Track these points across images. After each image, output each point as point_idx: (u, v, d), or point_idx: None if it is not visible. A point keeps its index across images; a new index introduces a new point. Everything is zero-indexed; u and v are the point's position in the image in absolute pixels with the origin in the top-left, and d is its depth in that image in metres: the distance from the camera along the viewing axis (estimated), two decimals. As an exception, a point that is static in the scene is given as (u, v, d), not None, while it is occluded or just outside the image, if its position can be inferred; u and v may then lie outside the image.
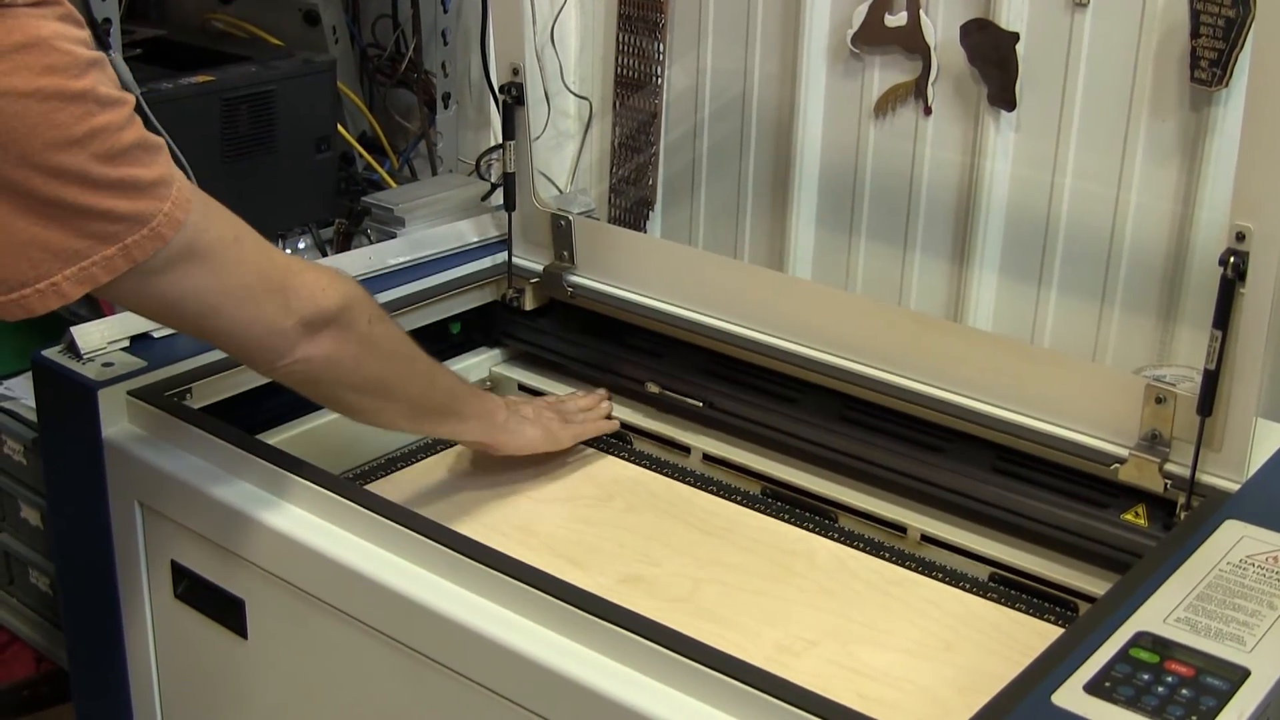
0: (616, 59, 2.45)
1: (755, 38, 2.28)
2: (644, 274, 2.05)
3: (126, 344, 1.83)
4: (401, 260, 2.14)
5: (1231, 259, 1.49)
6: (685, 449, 1.98)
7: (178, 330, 1.72)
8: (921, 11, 2.06)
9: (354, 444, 1.95)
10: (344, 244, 2.40)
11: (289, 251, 2.38)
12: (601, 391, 2.05)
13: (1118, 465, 1.63)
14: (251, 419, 1.82)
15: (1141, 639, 1.28)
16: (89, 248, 1.28)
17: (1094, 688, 1.21)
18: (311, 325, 1.49)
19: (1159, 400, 1.60)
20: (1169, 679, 1.22)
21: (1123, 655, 1.25)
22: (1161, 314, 1.97)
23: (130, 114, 1.30)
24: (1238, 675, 1.23)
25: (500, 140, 2.15)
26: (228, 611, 1.67)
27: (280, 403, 1.88)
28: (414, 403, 1.71)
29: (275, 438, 1.84)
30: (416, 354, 1.69)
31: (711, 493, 1.89)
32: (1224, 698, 1.20)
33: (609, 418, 2.01)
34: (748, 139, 2.33)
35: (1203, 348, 1.54)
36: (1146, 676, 1.22)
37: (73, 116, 1.24)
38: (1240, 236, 1.48)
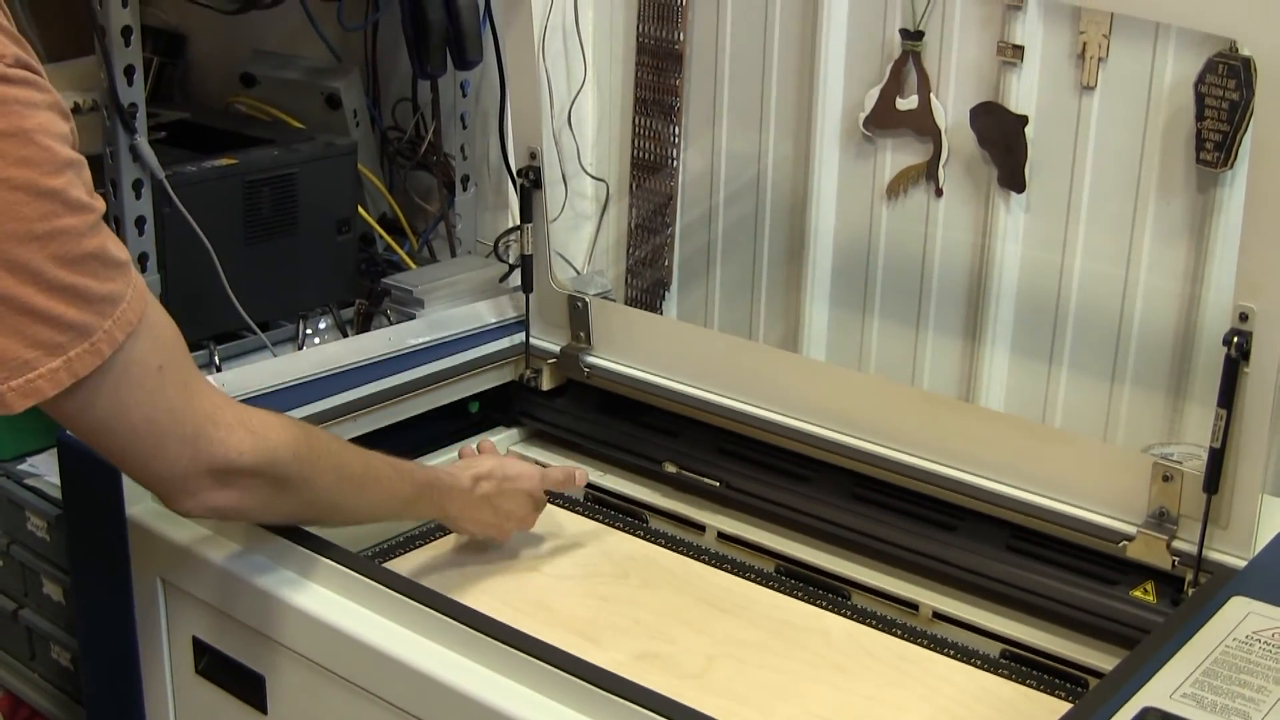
0: (633, 142, 2.48)
1: (769, 121, 2.31)
2: (660, 355, 2.08)
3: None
4: (421, 341, 2.16)
5: (1235, 339, 1.51)
6: (700, 527, 2.00)
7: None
8: (932, 95, 2.10)
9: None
10: (364, 324, 2.43)
11: (307, 337, 2.41)
12: (581, 472, 2.00)
13: (1126, 542, 1.65)
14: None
15: (1149, 715, 1.29)
16: (36, 359, 1.25)
17: (1101, 763, 1.23)
18: (220, 476, 1.44)
19: (1166, 478, 1.62)
20: (1175, 754, 1.23)
21: (1130, 731, 1.27)
22: (1171, 392, 1.99)
23: (96, 222, 1.28)
24: (1244, 751, 1.25)
25: (518, 222, 2.18)
26: (248, 687, 1.68)
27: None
28: (353, 520, 1.72)
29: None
30: (356, 482, 1.64)
31: (726, 570, 1.90)
32: (1230, 773, 1.22)
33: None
34: (762, 220, 2.36)
35: (1211, 425, 1.56)
36: (1153, 752, 1.24)
37: (38, 213, 1.22)
38: (1244, 317, 1.50)
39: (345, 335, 2.41)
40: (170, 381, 1.38)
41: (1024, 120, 2.01)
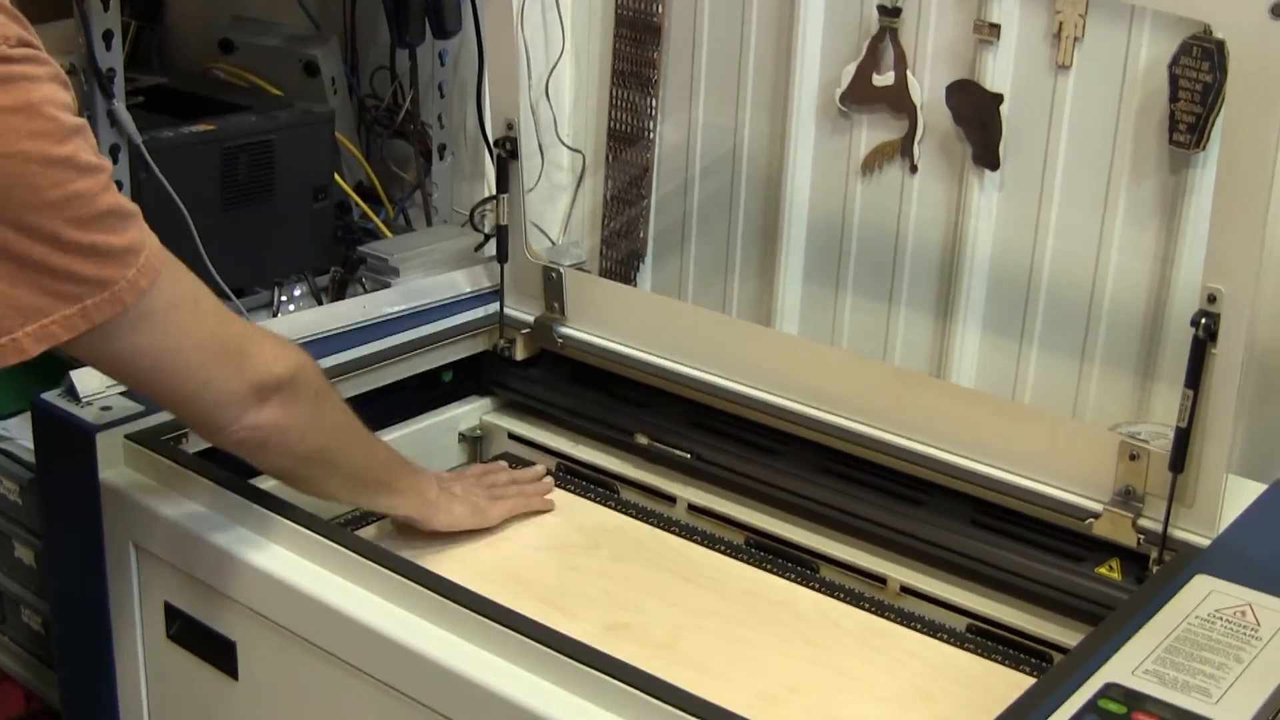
0: (610, 113, 2.49)
1: (746, 95, 2.32)
2: (633, 327, 2.08)
3: (125, 389, 1.85)
4: (395, 309, 2.17)
5: (1203, 320, 1.52)
6: (671, 499, 2.01)
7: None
8: (909, 72, 2.11)
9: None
10: (339, 292, 2.43)
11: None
12: (539, 469, 2.04)
13: (1092, 520, 1.66)
14: (247, 464, 1.85)
15: (1110, 690, 1.31)
16: (50, 305, 1.30)
17: (1062, 738, 1.24)
18: (263, 392, 1.50)
19: (1133, 457, 1.63)
20: (1135, 730, 1.25)
21: (1091, 706, 1.28)
22: (1140, 371, 2.01)
23: (107, 181, 1.32)
24: (1203, 727, 1.26)
25: (494, 192, 2.18)
26: (219, 653, 1.69)
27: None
28: (353, 475, 1.73)
29: (269, 482, 1.86)
30: (358, 427, 1.71)
31: (696, 542, 1.91)
32: (1189, 749, 1.23)
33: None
34: (737, 194, 2.37)
35: (1178, 405, 1.58)
36: (1114, 727, 1.25)
37: (51, 181, 1.27)
38: (1211, 298, 1.51)
39: (320, 303, 2.42)
40: (207, 310, 1.46)
41: (999, 98, 2.02)
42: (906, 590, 1.80)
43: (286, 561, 1.60)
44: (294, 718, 1.64)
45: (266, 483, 1.84)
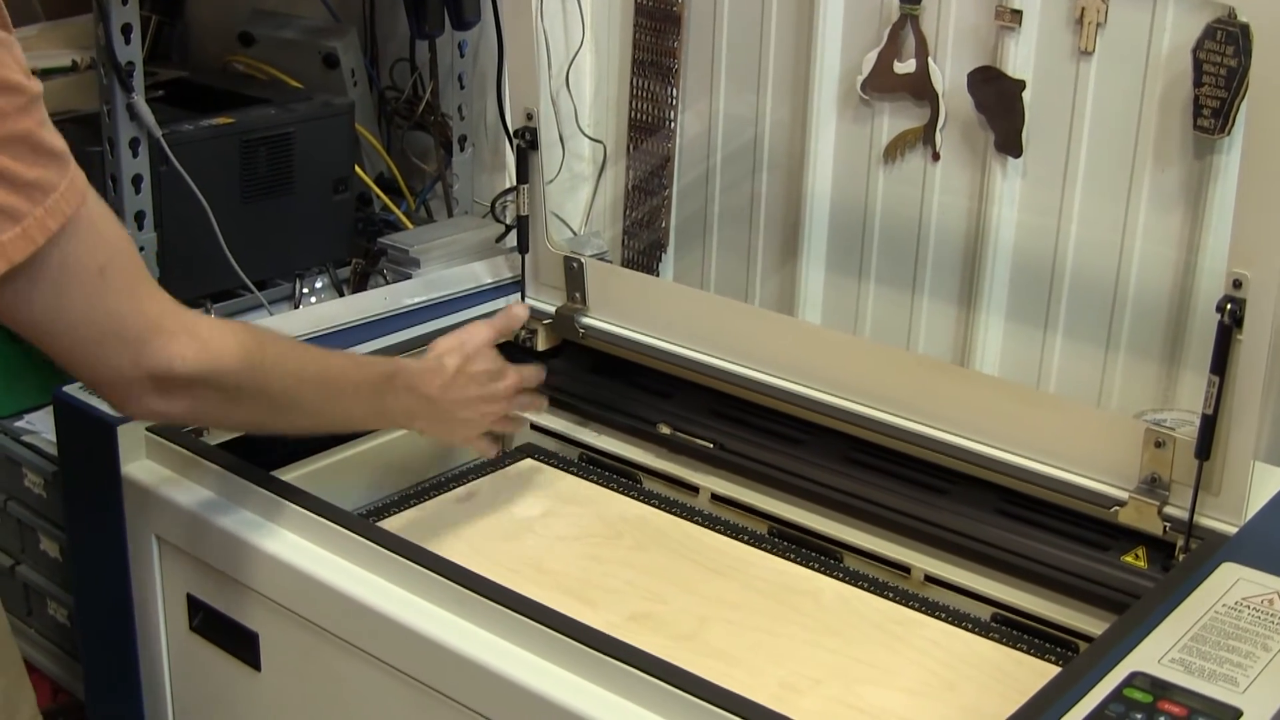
0: (630, 103, 2.48)
1: (766, 84, 2.31)
2: (655, 316, 2.08)
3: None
4: (416, 300, 2.17)
5: (1229, 306, 1.51)
6: (694, 489, 2.00)
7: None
8: (930, 59, 2.10)
9: (368, 481, 1.98)
10: (360, 284, 2.43)
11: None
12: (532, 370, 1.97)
13: (1118, 508, 1.65)
14: (268, 456, 1.85)
15: (1136, 679, 1.30)
16: None
17: (1088, 726, 1.24)
18: (159, 383, 1.38)
19: (1159, 444, 1.62)
20: (1162, 719, 1.24)
21: (1117, 695, 1.27)
22: (1165, 359, 1.99)
23: (26, 104, 1.23)
24: (1230, 716, 1.25)
25: (515, 183, 2.18)
26: (241, 644, 1.69)
27: (297, 440, 1.91)
28: (326, 425, 1.74)
29: (291, 474, 1.87)
30: (326, 378, 1.62)
31: (719, 532, 1.91)
32: (1216, 738, 1.23)
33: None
34: (759, 183, 2.36)
35: (1204, 392, 1.57)
36: (1140, 716, 1.24)
37: None
38: (1237, 284, 1.50)
39: (341, 294, 2.42)
40: (113, 285, 1.33)
41: (1021, 85, 2.01)
42: (931, 579, 1.79)
43: (308, 553, 1.60)
44: (316, 709, 1.65)
45: (288, 474, 1.85)
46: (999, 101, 2.04)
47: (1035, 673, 1.60)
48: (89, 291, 1.32)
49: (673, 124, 2.44)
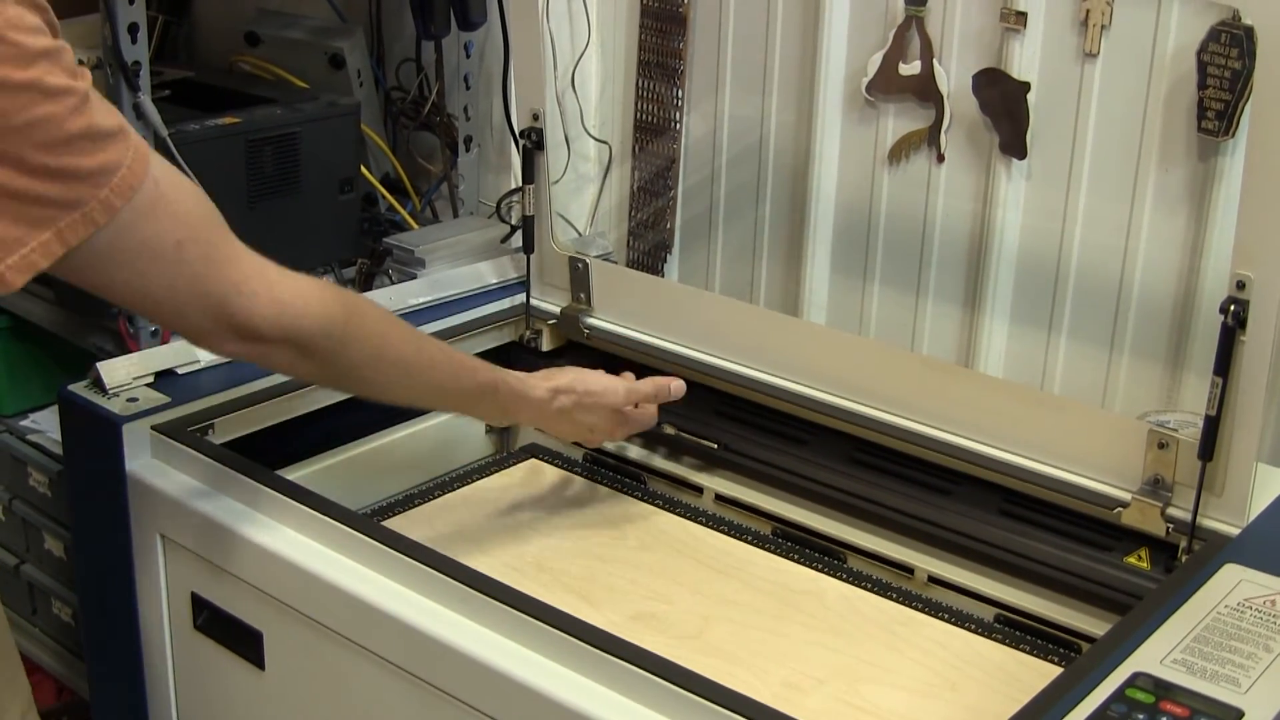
0: (636, 104, 2.48)
1: (772, 85, 2.31)
2: (660, 317, 2.08)
3: (151, 380, 1.86)
4: (422, 300, 2.17)
5: (1232, 307, 1.51)
6: (698, 489, 2.01)
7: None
8: (935, 61, 2.10)
9: (373, 480, 1.99)
10: (366, 284, 2.43)
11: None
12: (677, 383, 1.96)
13: (1121, 509, 1.66)
14: (273, 454, 1.85)
15: (1138, 680, 1.30)
16: (25, 234, 1.28)
17: (1090, 727, 1.24)
18: (241, 334, 1.46)
19: (1162, 445, 1.62)
20: (1163, 719, 1.24)
21: (1119, 695, 1.27)
22: (1169, 360, 1.99)
23: (79, 104, 1.28)
24: (1232, 717, 1.25)
25: (520, 183, 2.18)
26: (246, 643, 1.69)
27: (302, 439, 1.91)
28: (401, 402, 1.75)
29: (296, 473, 1.87)
30: (413, 364, 1.66)
31: (723, 532, 1.91)
32: (1218, 738, 1.23)
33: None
34: (764, 184, 2.36)
35: (1207, 394, 1.57)
36: (1142, 717, 1.24)
37: (14, 106, 1.24)
38: (1241, 285, 1.50)
39: (347, 294, 2.42)
40: (191, 255, 1.39)
41: (1026, 87, 2.01)
42: (934, 580, 1.80)
43: (313, 552, 1.60)
44: (321, 707, 1.65)
45: (293, 473, 1.85)
46: (1004, 103, 2.04)
47: (1038, 673, 1.60)
48: (169, 263, 1.38)
49: (678, 125, 2.44)
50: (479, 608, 1.47)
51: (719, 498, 1.99)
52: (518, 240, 2.27)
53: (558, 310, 2.18)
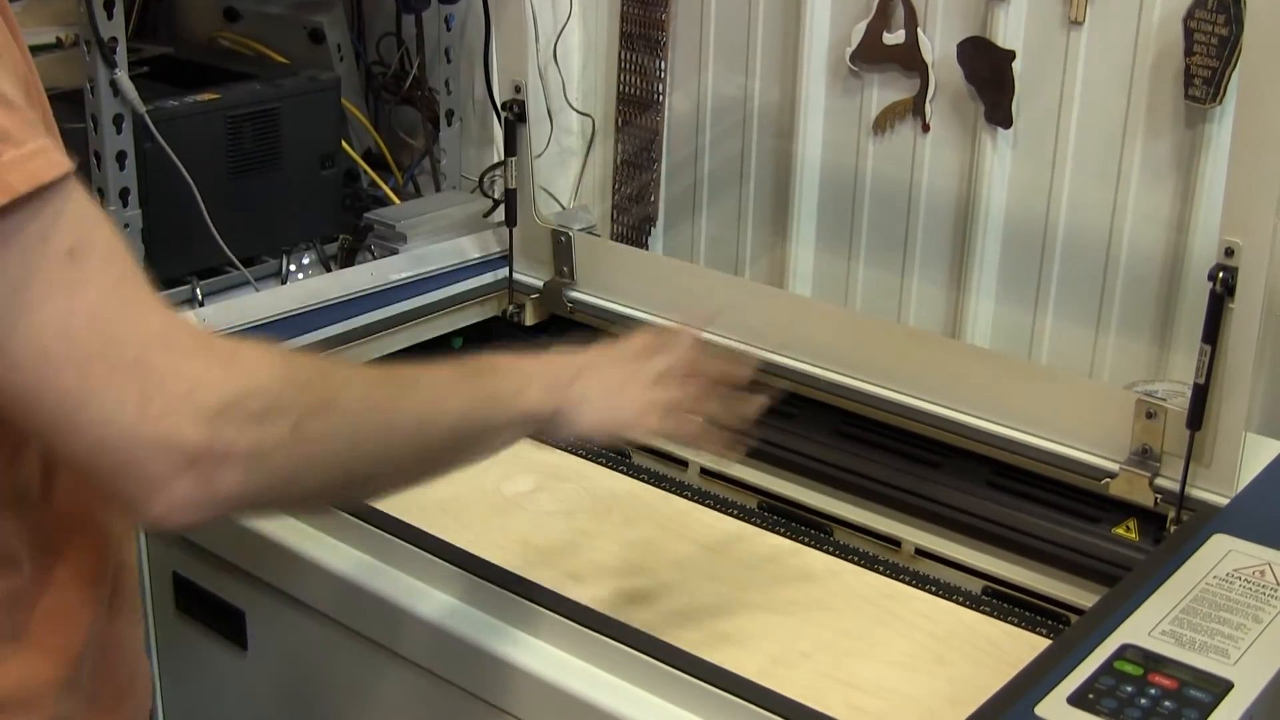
0: (619, 77, 2.47)
1: (755, 56, 2.30)
2: (643, 289, 2.07)
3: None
4: (403, 276, 2.16)
5: (1220, 274, 1.50)
6: (683, 463, 1.99)
7: None
8: (919, 29, 2.08)
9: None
10: (348, 260, 2.42)
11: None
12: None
13: (1109, 480, 1.65)
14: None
15: (1126, 651, 1.29)
16: None
17: (1078, 699, 1.22)
18: (193, 428, 0.95)
19: (1150, 415, 1.62)
20: (1152, 691, 1.23)
21: (1107, 668, 1.26)
22: (1156, 329, 1.98)
23: None
24: (1221, 688, 1.24)
25: (503, 157, 2.17)
26: (228, 623, 1.68)
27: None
28: (427, 441, 1.23)
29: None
30: (405, 378, 1.22)
31: (708, 507, 1.90)
32: (1206, 710, 1.21)
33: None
34: (748, 156, 2.35)
35: (1195, 362, 1.56)
36: (1130, 689, 1.24)
37: None
38: (1229, 252, 1.49)
39: (329, 270, 2.40)
40: (92, 277, 0.95)
41: (1011, 55, 2.00)
42: (921, 553, 1.79)
43: (294, 530, 1.59)
44: (304, 687, 1.64)
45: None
46: (989, 72, 2.03)
47: (1026, 645, 1.59)
48: (56, 282, 0.94)
49: (662, 97, 2.43)
50: (464, 585, 1.46)
51: (704, 472, 1.97)
52: (500, 215, 2.26)
53: (540, 284, 2.17)
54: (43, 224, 0.94)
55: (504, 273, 2.20)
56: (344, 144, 2.53)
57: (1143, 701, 1.22)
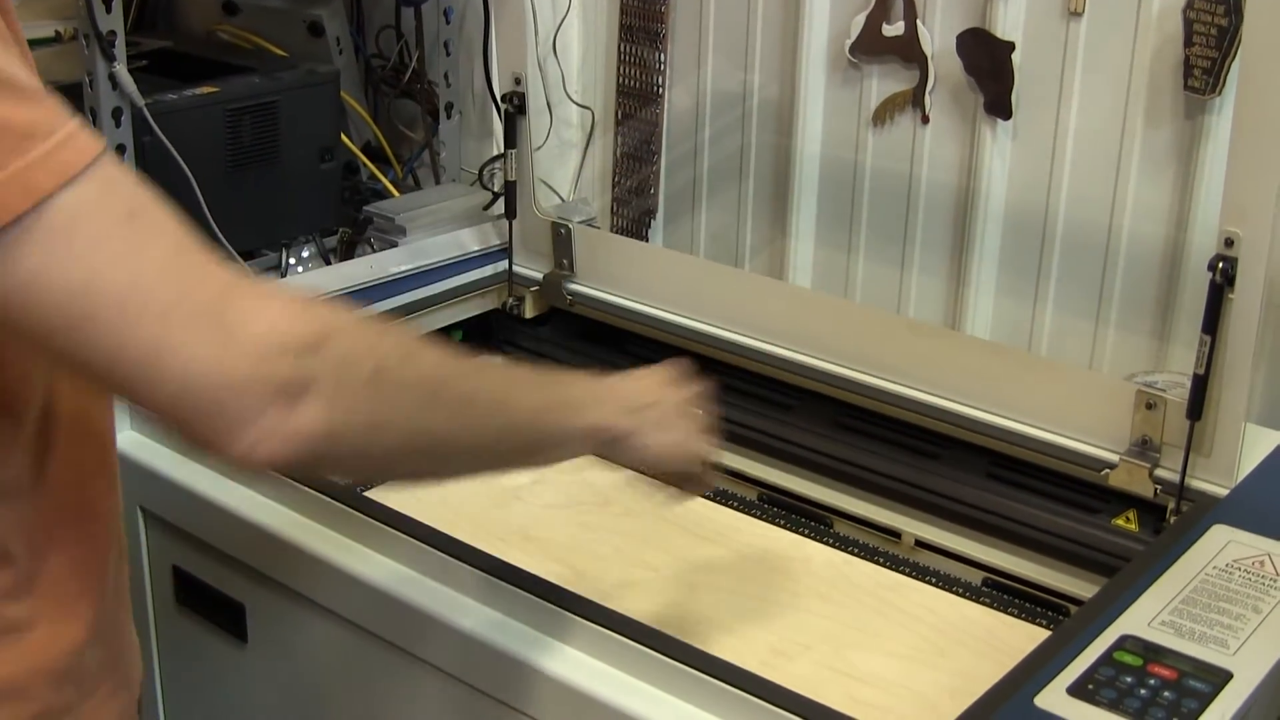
0: (619, 69, 2.46)
1: (755, 47, 2.29)
2: (643, 282, 2.07)
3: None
4: (403, 269, 2.16)
5: (1220, 264, 1.50)
6: (683, 456, 1.99)
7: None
8: (919, 21, 2.08)
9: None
10: (348, 253, 2.42)
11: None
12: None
13: (1109, 471, 1.65)
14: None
15: (1126, 642, 1.29)
16: None
17: (1077, 690, 1.22)
18: (275, 363, 0.95)
19: (1149, 406, 1.61)
20: (1152, 682, 1.23)
21: (1106, 658, 1.26)
22: (1156, 320, 1.98)
23: None
24: (1220, 678, 1.24)
25: (502, 149, 2.17)
26: (228, 617, 1.68)
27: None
28: (496, 418, 1.18)
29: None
30: (470, 363, 1.20)
31: (708, 498, 1.90)
32: (1206, 700, 1.21)
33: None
34: (748, 148, 2.34)
35: (1195, 353, 1.56)
36: (1129, 679, 1.23)
37: None
38: (1229, 242, 1.49)
39: (328, 263, 2.40)
40: (149, 235, 0.96)
41: (1011, 46, 2.00)
42: (921, 544, 1.79)
43: (295, 523, 1.60)
44: (304, 681, 1.64)
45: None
46: (988, 63, 2.03)
47: (1026, 636, 1.59)
48: (120, 241, 0.94)
49: (661, 90, 2.42)
50: (464, 579, 1.46)
51: (705, 464, 1.97)
52: (500, 207, 2.25)
53: (540, 277, 2.16)
54: (94, 198, 0.93)
55: (504, 265, 2.20)
56: (343, 137, 2.52)
57: (1142, 692, 1.22)
